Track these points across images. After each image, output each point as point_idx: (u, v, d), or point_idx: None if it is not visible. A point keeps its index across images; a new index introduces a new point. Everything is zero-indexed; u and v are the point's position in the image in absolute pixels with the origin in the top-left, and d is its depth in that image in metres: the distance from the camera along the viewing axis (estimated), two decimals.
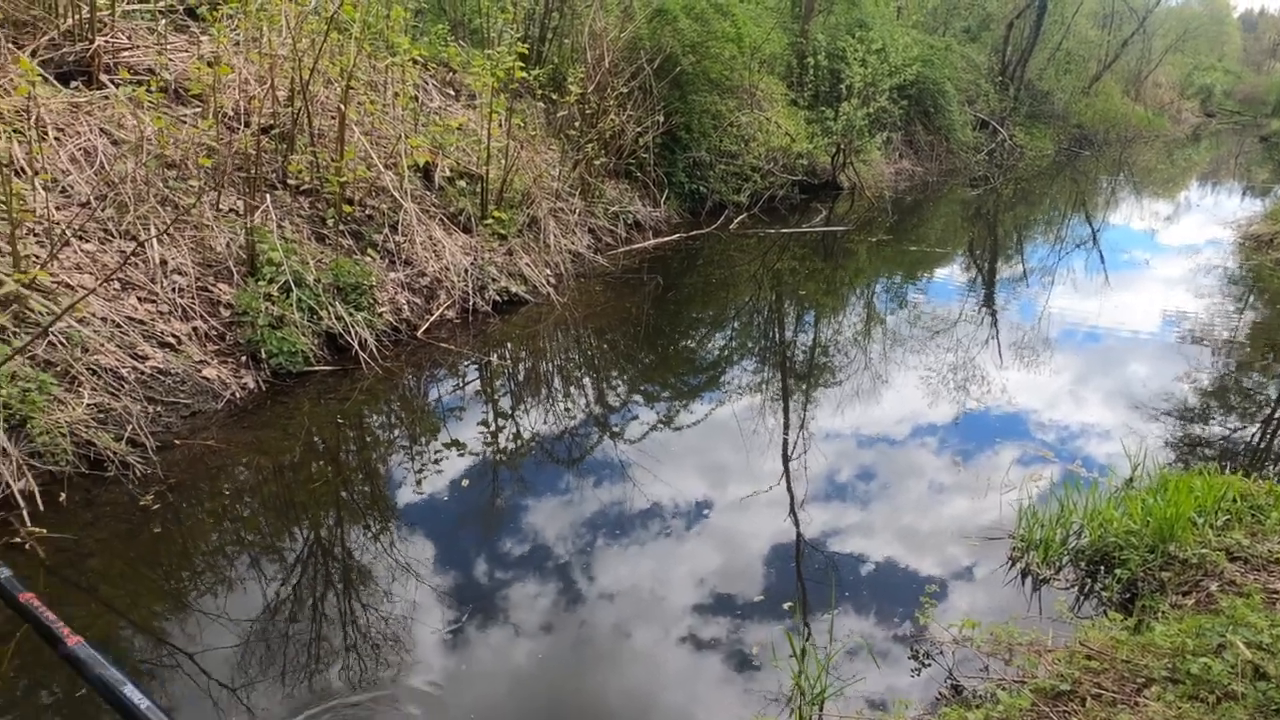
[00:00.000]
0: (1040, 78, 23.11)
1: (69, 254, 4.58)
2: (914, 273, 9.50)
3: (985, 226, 12.87)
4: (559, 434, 4.92)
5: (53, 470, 3.76)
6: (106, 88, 5.58)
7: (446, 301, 6.32)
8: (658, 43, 9.90)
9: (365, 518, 3.95)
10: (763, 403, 5.50)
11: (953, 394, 5.70)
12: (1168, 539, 3.22)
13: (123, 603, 3.21)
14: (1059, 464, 4.58)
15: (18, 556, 3.32)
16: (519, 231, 7.34)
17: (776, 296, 8.38)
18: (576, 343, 6.57)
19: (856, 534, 3.89)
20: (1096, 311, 7.84)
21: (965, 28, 21.43)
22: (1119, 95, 28.76)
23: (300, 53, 5.84)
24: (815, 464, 4.58)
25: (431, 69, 8.38)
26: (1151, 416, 5.41)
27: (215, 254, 5.18)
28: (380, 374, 5.31)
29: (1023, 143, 20.93)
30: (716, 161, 10.96)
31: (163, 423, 4.32)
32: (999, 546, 3.73)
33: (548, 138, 8.93)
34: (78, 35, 5.64)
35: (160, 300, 4.78)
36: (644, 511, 4.03)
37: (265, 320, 4.98)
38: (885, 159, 15.23)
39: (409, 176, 6.60)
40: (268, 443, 4.43)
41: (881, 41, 12.94)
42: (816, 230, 10.88)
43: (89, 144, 5.14)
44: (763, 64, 12.48)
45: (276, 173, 6.00)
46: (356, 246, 6.04)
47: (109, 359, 4.26)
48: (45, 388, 3.86)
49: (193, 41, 6.41)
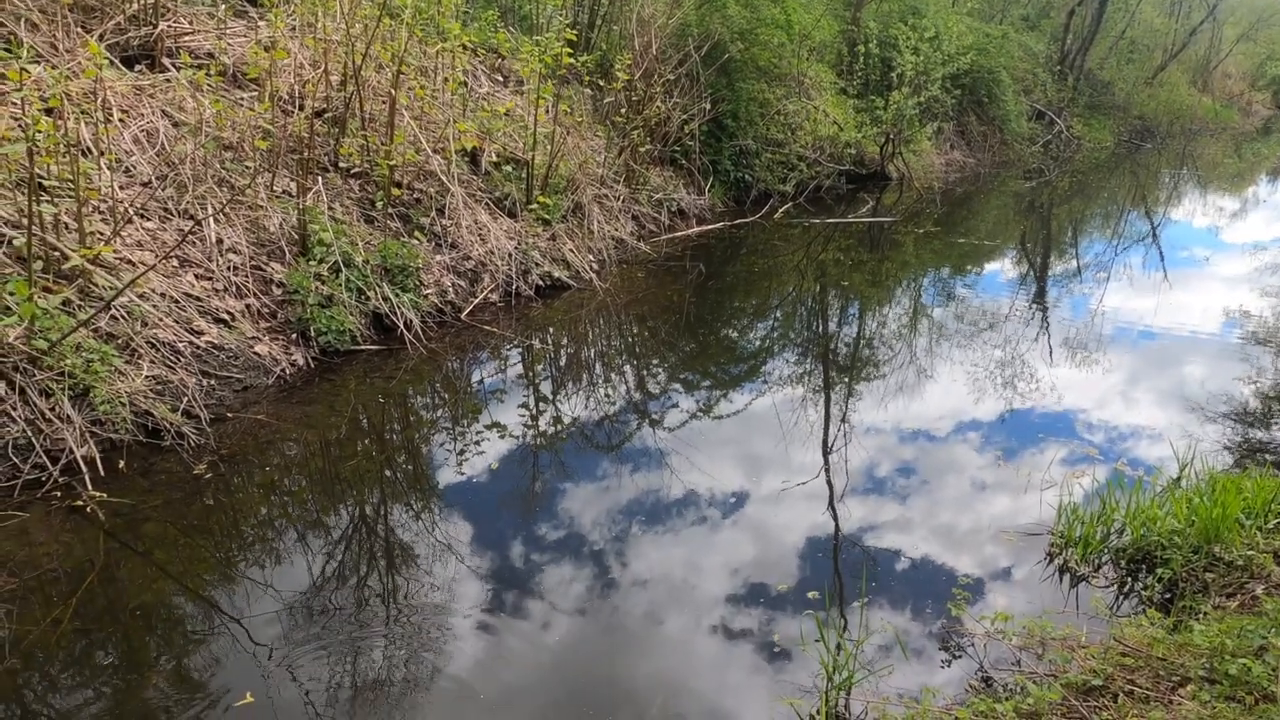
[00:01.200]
0: (1101, 67, 22.40)
1: (131, 231, 4.75)
2: (962, 266, 9.34)
3: (1038, 220, 12.56)
4: (598, 419, 4.97)
5: (113, 438, 3.93)
6: (168, 71, 5.76)
7: (490, 285, 6.41)
8: (706, 29, 9.85)
9: (407, 495, 4.05)
10: (803, 394, 5.48)
11: (998, 390, 5.61)
12: (1213, 540, 3.15)
13: (176, 568, 3.35)
14: (1104, 463, 4.48)
15: (79, 519, 3.48)
16: (563, 217, 7.40)
17: (820, 288, 8.31)
18: (618, 329, 6.61)
19: (893, 528, 3.87)
20: (1153, 310, 7.62)
21: (1024, 15, 20.87)
22: (1185, 86, 27.71)
23: (353, 38, 5.95)
24: (855, 457, 4.55)
25: (480, 55, 8.46)
26: (1205, 419, 5.25)
27: (268, 234, 5.32)
28: (424, 354, 5.42)
29: (1080, 134, 20.33)
30: (763, 150, 10.88)
31: (216, 396, 4.47)
32: (1038, 543, 3.68)
33: (594, 124, 8.97)
34: (142, 20, 5.82)
35: (216, 278, 4.94)
36: (681, 499, 4.06)
37: (315, 299, 5.11)
38: (936, 149, 14.95)
39: (456, 161, 6.69)
40: (315, 418, 4.56)
41: (935, 29, 12.67)
42: (863, 221, 10.74)
43: (151, 125, 5.32)
44: (812, 51, 12.32)
45: (328, 155, 6.14)
46: (404, 229, 6.15)
47: (167, 333, 4.42)
48: (107, 359, 4.03)
49: (251, 27, 6.57)
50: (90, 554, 3.34)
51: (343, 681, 2.79)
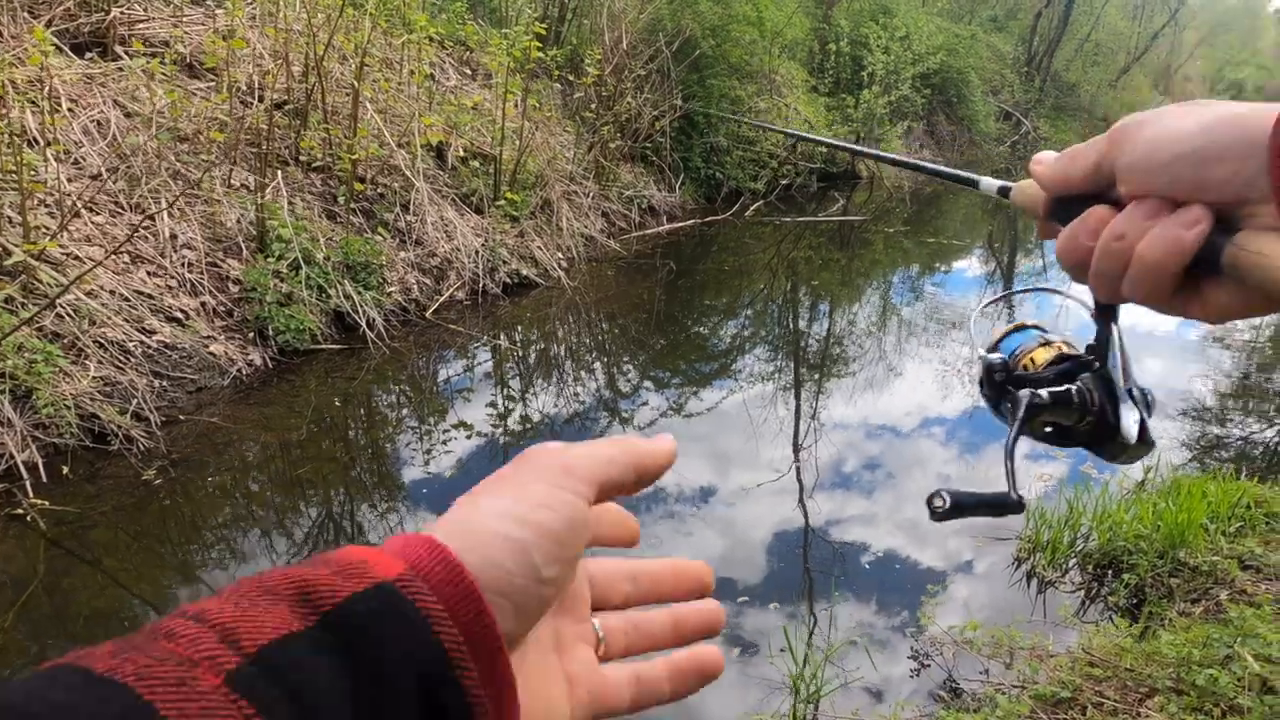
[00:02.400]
0: (1067, 69, 22.74)
1: (79, 226, 4.57)
2: (930, 265, 9.39)
3: (1006, 219, 12.69)
4: (568, 417, 4.89)
5: (56, 443, 3.77)
6: (121, 59, 5.56)
7: (456, 283, 6.29)
8: (677, 25, 9.78)
9: (370, 496, 3.94)
10: (773, 392, 5.44)
11: (965, 388, 5.63)
12: (1178, 544, 3.16)
13: (127, 576, 3.22)
14: (1069, 463, 4.51)
15: (20, 527, 3.33)
16: (531, 214, 7.29)
17: (790, 286, 8.30)
18: (587, 327, 6.53)
19: (861, 526, 3.85)
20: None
21: (992, 16, 21.09)
22: (1148, 89, 28.27)
23: (315, 28, 5.79)
24: (824, 454, 4.53)
25: (448, 47, 8.31)
26: (1166, 416, 5.31)
27: (225, 229, 5.16)
28: (388, 354, 5.30)
29: (1047, 135, 20.61)
30: (734, 147, 10.84)
31: (168, 398, 4.32)
32: (1005, 547, 3.68)
33: (563, 120, 8.86)
34: (93, 6, 5.61)
35: (169, 274, 4.78)
36: (650, 497, 4.00)
37: (273, 297, 4.96)
38: (906, 148, 15.04)
39: (422, 156, 6.55)
40: (273, 419, 4.43)
41: (905, 28, 12.75)
42: (833, 220, 10.77)
43: (102, 116, 5.13)
44: (784, 49, 12.32)
45: (289, 149, 5.97)
46: (367, 225, 6.01)
47: (116, 332, 4.26)
48: (52, 359, 3.86)
49: (208, 15, 6.37)
50: (32, 563, 3.19)
51: None
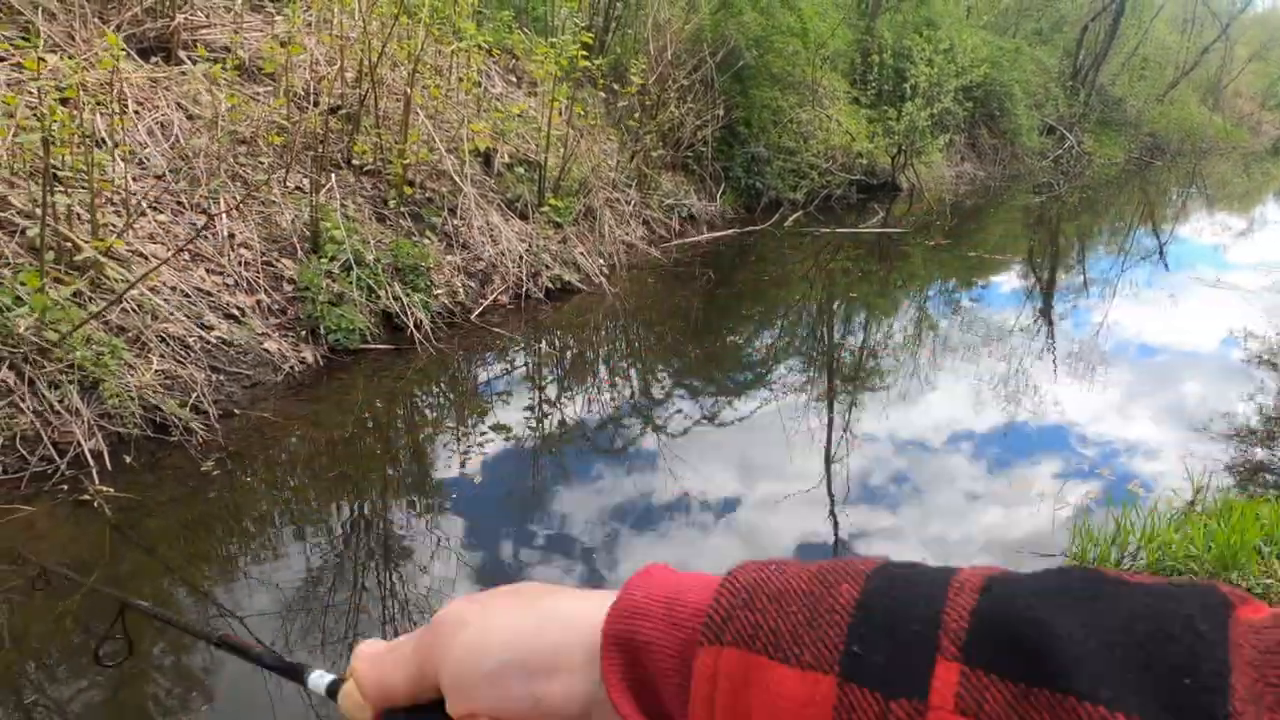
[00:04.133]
0: (1113, 83, 22.39)
1: (144, 224, 4.73)
2: (970, 279, 9.31)
3: (1047, 234, 12.53)
4: (603, 423, 4.94)
5: (120, 432, 3.90)
6: (184, 64, 5.74)
7: (501, 286, 6.39)
8: (721, 35, 9.84)
9: (410, 495, 4.02)
10: (808, 403, 5.45)
11: (1005, 404, 5.58)
12: (1230, 567, 3.11)
13: (177, 562, 3.33)
14: (1116, 482, 4.45)
15: (85, 513, 3.46)
16: (574, 220, 7.38)
17: (828, 297, 8.28)
18: (625, 334, 6.59)
19: (897, 541, 3.84)
20: (1160, 327, 7.59)
21: (1037, 29, 20.85)
22: (1196, 104, 27.71)
23: (370, 35, 5.93)
24: (860, 468, 4.52)
25: (495, 55, 8.45)
26: (1213, 438, 5.22)
27: (280, 230, 5.30)
28: (433, 355, 5.40)
29: (1091, 150, 20.31)
30: (774, 157, 10.86)
31: (224, 392, 4.45)
32: (1050, 564, 3.65)
33: (607, 128, 8.95)
34: (159, 12, 5.81)
35: (227, 272, 4.92)
36: (683, 506, 4.03)
37: (325, 297, 5.09)
38: (947, 161, 14.94)
39: (469, 161, 6.67)
40: (322, 416, 4.54)
41: (949, 41, 12.67)
42: (873, 231, 10.72)
43: (166, 118, 5.31)
44: (826, 60, 12.32)
45: (342, 152, 6.12)
46: (416, 228, 6.13)
47: (177, 327, 4.40)
48: (117, 352, 4.00)
49: (267, 21, 6.56)
50: (95, 548, 3.31)
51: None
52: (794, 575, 0.38)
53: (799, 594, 0.37)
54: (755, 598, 0.37)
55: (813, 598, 0.36)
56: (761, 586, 0.38)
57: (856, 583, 0.36)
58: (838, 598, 0.36)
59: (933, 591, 0.35)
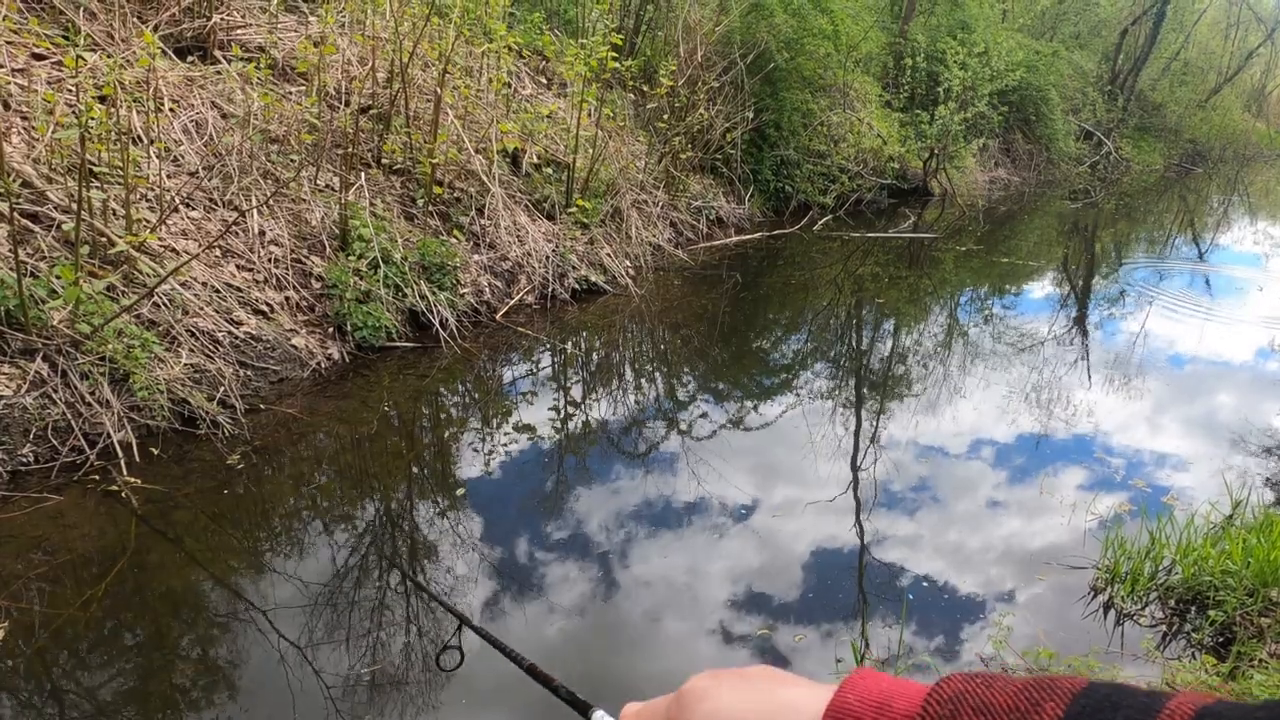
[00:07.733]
0: (1153, 88, 21.96)
1: (176, 220, 4.80)
2: (1002, 286, 9.16)
3: (1082, 242, 12.31)
4: (627, 426, 4.92)
5: (149, 424, 3.95)
6: (219, 63, 5.83)
7: (527, 286, 6.40)
8: (751, 37, 9.79)
9: (433, 492, 4.03)
10: (834, 409, 5.38)
11: (1036, 415, 5.47)
12: (1270, 583, 3.01)
13: (204, 555, 3.35)
14: (1151, 494, 4.34)
15: (113, 503, 3.50)
16: (601, 221, 7.37)
17: (856, 302, 8.19)
18: (651, 336, 6.56)
19: (924, 551, 3.77)
20: (1198, 338, 7.40)
21: (1074, 33, 20.51)
22: (1238, 110, 27.08)
23: (401, 36, 5.98)
24: (886, 476, 4.45)
25: (525, 56, 8.48)
26: (1252, 453, 5.07)
27: (310, 227, 5.35)
28: (459, 353, 5.41)
29: (1129, 156, 19.93)
30: (804, 160, 10.78)
31: (252, 386, 4.49)
32: (1081, 576, 3.56)
33: (635, 129, 8.94)
34: (196, 12, 5.90)
35: (256, 269, 4.97)
36: (706, 511, 3.99)
37: (353, 294, 5.12)
38: (980, 166, 14.73)
39: (498, 161, 6.70)
40: (348, 413, 4.56)
41: (984, 44, 12.50)
42: (903, 236, 10.59)
43: (200, 116, 5.38)
44: (858, 63, 12.21)
45: (372, 151, 6.17)
46: (443, 227, 6.16)
47: (207, 322, 4.45)
48: (148, 345, 4.06)
49: (301, 22, 6.64)
50: (122, 538, 3.35)
51: (362, 674, 2.77)
52: (1000, 690, 0.40)
53: (1004, 709, 0.38)
54: (960, 710, 0.39)
55: (1018, 714, 0.37)
56: (966, 699, 0.40)
57: (1062, 703, 0.37)
58: (1042, 716, 0.36)
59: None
